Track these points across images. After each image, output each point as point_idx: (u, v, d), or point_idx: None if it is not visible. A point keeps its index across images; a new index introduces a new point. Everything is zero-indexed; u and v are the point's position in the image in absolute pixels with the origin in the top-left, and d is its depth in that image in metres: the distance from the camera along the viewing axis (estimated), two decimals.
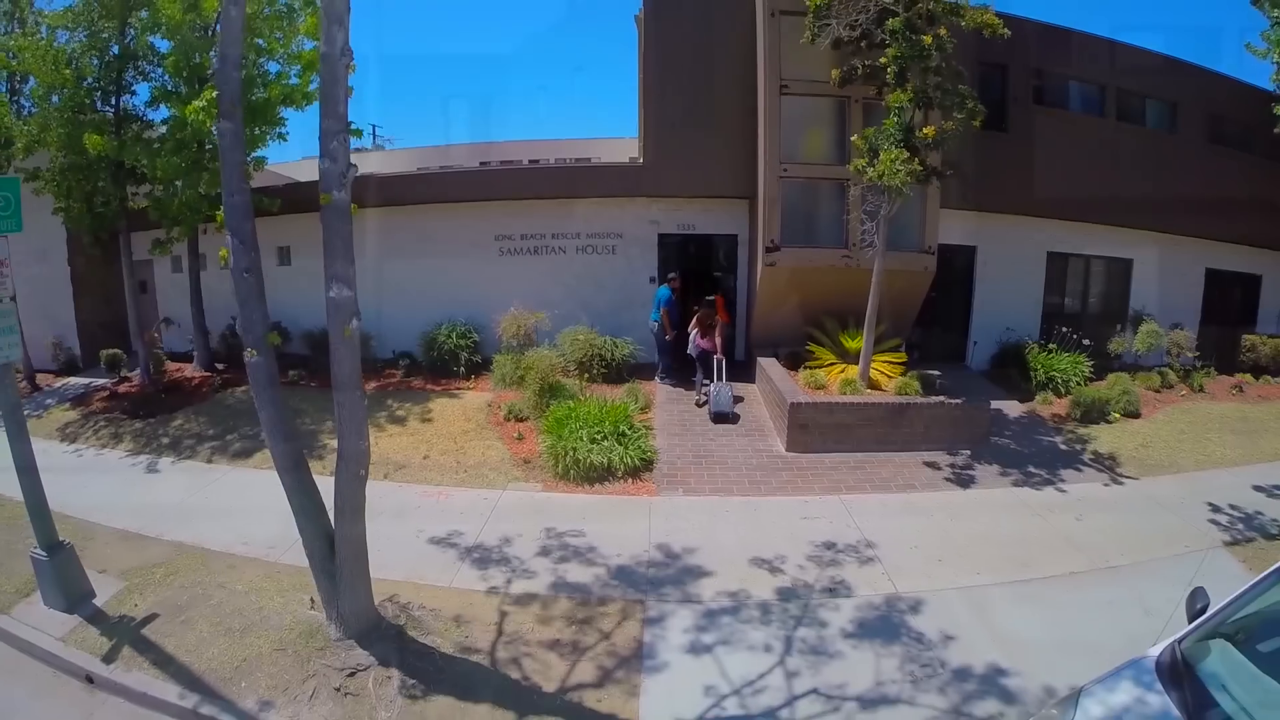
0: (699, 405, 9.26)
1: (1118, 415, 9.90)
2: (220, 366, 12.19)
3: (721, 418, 8.82)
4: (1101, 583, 5.62)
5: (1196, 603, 3.58)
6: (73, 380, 13.65)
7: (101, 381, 13.02)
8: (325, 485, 4.68)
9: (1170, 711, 3.05)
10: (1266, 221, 13.12)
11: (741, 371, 10.32)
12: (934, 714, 4.06)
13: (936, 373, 9.05)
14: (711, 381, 9.11)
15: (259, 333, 4.37)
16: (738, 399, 9.21)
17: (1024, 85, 10.94)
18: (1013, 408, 9.84)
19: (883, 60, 7.39)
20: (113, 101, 11.63)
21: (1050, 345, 10.89)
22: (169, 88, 10.76)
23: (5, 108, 11.85)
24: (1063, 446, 8.73)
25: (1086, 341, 10.76)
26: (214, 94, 5.80)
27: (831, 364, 8.93)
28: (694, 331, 9.48)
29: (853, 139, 7.66)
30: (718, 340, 9.30)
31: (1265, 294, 14.65)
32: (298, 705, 4.11)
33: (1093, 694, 3.35)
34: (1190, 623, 3.53)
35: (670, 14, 9.62)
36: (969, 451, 7.96)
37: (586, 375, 9.65)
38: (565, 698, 4.09)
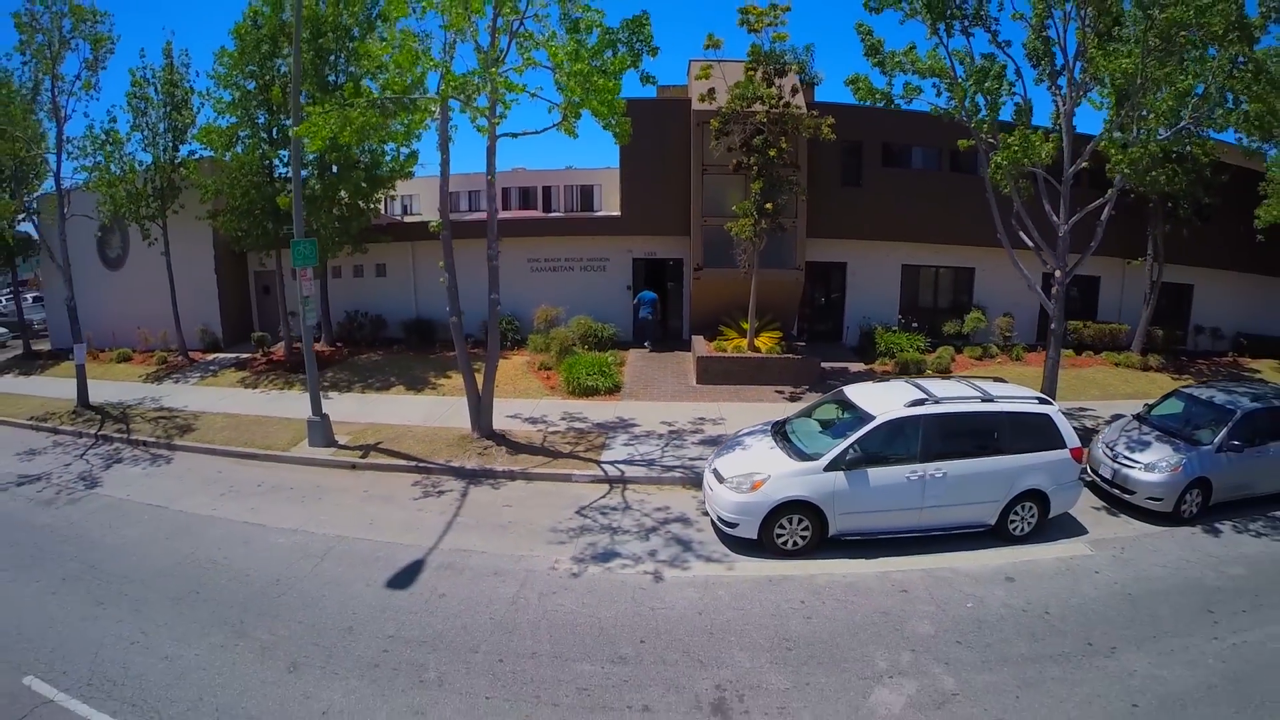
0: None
1: (931, 371, 16.15)
2: (339, 344, 18.79)
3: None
4: None
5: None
6: (219, 356, 20.26)
7: (247, 355, 19.61)
8: (427, 400, 11.24)
9: (765, 433, 9.34)
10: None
11: (684, 345, 16.86)
12: None
13: (801, 343, 15.47)
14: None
15: (458, 311, 10.88)
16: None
17: (875, 153, 17.32)
18: (858, 367, 16.22)
19: (749, 161, 13.81)
20: (266, 165, 18.29)
21: (893, 329, 17.24)
22: (317, 162, 17.31)
23: (195, 168, 18.53)
24: None
25: (915, 325, 17.16)
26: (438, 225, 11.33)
27: (733, 339, 15.37)
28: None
29: (734, 208, 14.09)
30: None
31: (1105, 291, 20.71)
32: (463, 458, 10.66)
33: (743, 431, 9.73)
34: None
35: (635, 117, 16.12)
36: (807, 386, 14.34)
37: (586, 345, 16.19)
38: (571, 454, 10.73)
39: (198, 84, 19.76)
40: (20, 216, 21.09)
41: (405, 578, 7.73)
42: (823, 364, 15.22)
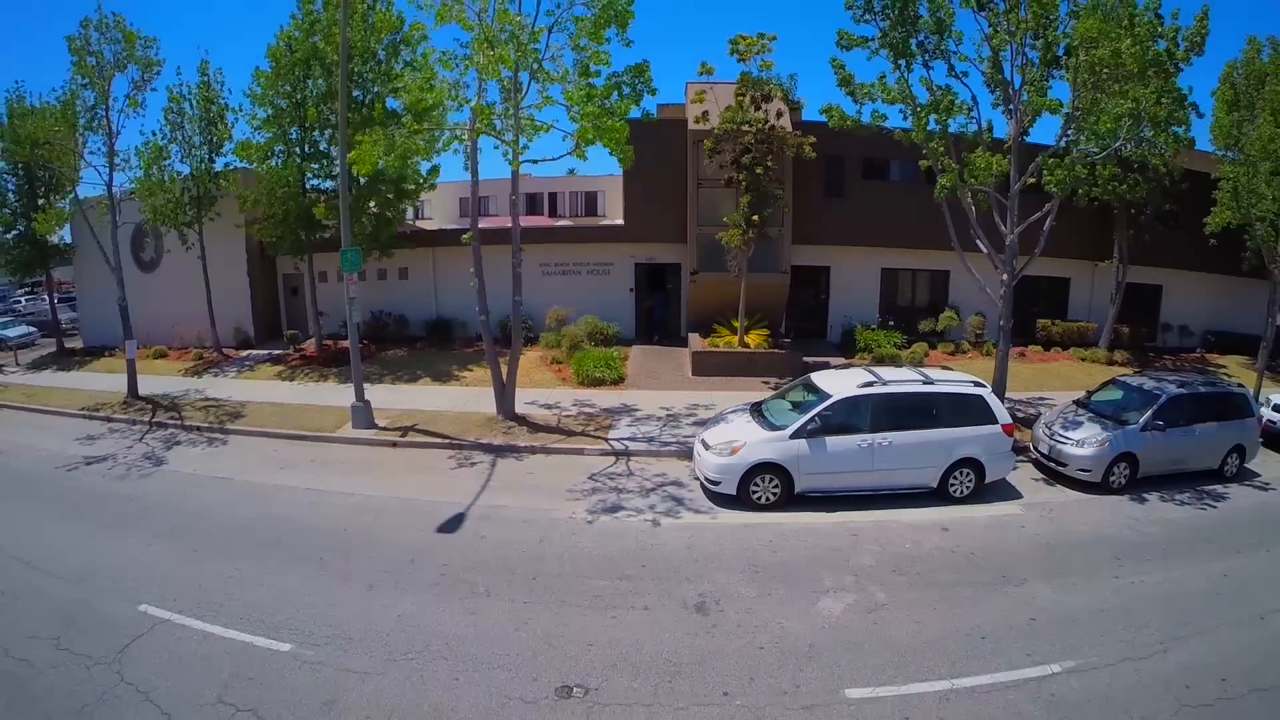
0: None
1: (905, 364, 18.07)
2: (366, 341, 20.73)
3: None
4: None
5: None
6: (252, 352, 22.22)
7: (280, 352, 21.56)
8: (452, 390, 13.24)
9: (745, 411, 11.32)
10: (1064, 242, 20.60)
11: (681, 342, 18.85)
12: None
13: (788, 339, 17.40)
14: None
15: (486, 310, 12.86)
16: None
17: (855, 167, 19.26)
18: (838, 361, 18.14)
19: (738, 177, 15.76)
20: (300, 177, 20.23)
21: (872, 327, 19.17)
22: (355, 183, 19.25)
23: (235, 180, 20.50)
24: None
25: (892, 323, 19.09)
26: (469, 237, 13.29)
27: (726, 336, 17.31)
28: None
29: (724, 219, 16.04)
30: None
31: (1075, 291, 22.54)
32: (490, 436, 12.63)
33: (727, 410, 11.75)
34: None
35: (637, 136, 18.11)
36: (790, 378, 16.23)
37: (593, 342, 18.15)
38: (582, 432, 12.69)
39: (231, 100, 21.74)
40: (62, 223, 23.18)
41: (451, 525, 9.67)
42: (806, 358, 17.15)
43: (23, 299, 44.50)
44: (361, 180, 19.21)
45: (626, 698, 6.26)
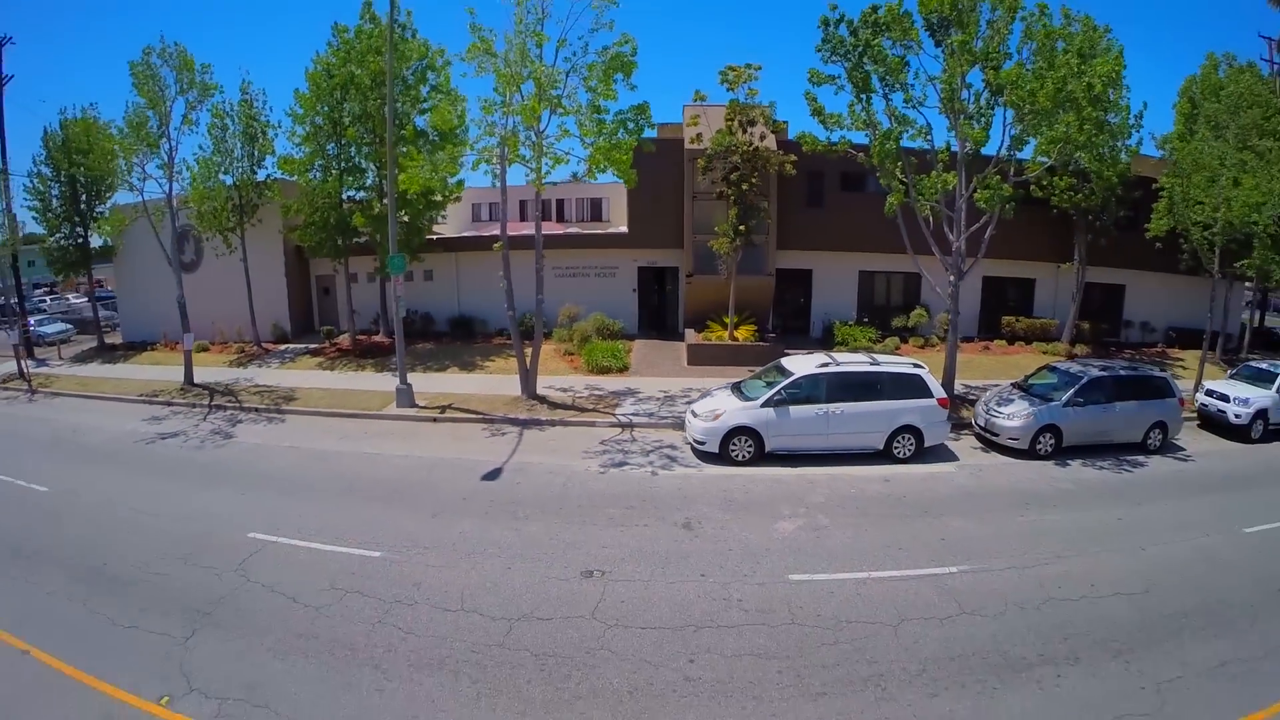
0: None
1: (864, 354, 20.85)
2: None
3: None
4: None
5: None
6: (290, 346, 25.02)
7: (316, 345, 24.37)
8: (478, 377, 16.12)
9: (727, 388, 14.17)
10: (1029, 246, 23.30)
11: (678, 336, 21.71)
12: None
13: (773, 334, 20.22)
14: None
15: (514, 307, 15.72)
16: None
17: (834, 180, 22.07)
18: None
19: (728, 192, 18.61)
20: (339, 189, 23.09)
21: (850, 323, 21.98)
22: (376, 186, 22.17)
23: (278, 190, 23.38)
24: None
25: (866, 320, 21.89)
26: (500, 246, 16.41)
27: (718, 331, 20.14)
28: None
29: (716, 228, 18.89)
30: None
31: (1039, 291, 25.28)
32: (516, 413, 15.51)
33: (713, 389, 14.59)
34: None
35: (640, 156, 20.99)
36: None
37: (600, 336, 21.02)
38: (593, 409, 15.55)
39: (271, 118, 24.56)
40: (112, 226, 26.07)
41: (492, 476, 12.50)
42: (788, 351, 19.93)
43: (47, 299, 47.46)
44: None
45: (631, 576, 9.05)
